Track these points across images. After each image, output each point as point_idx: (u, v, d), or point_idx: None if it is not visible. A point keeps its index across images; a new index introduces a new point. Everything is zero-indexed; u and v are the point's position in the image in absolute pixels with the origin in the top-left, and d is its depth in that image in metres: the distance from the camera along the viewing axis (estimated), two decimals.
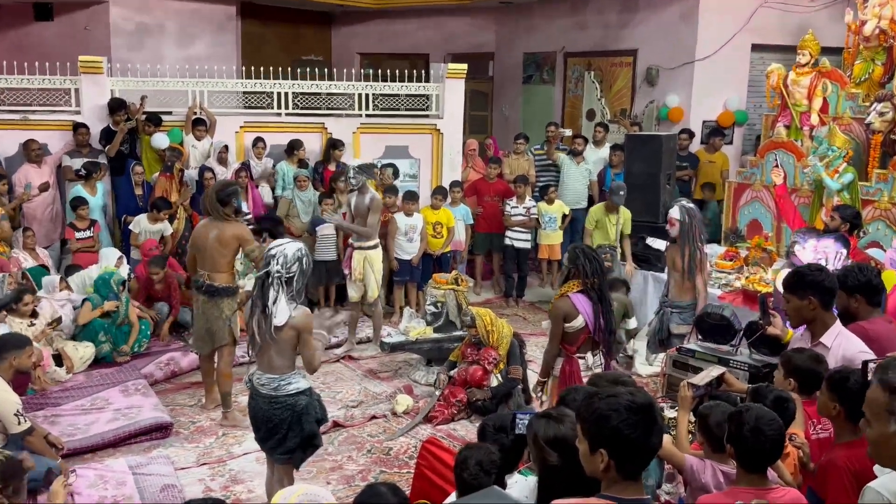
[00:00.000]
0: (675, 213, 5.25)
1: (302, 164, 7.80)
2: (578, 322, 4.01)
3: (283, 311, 3.46)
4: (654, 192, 7.37)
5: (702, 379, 3.26)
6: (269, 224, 6.63)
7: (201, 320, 5.02)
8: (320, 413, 3.64)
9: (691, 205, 5.31)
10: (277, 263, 3.47)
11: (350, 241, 6.58)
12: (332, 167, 7.91)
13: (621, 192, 7.00)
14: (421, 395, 5.63)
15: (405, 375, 6.12)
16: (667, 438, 2.83)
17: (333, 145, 7.77)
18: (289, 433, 3.56)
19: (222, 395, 5.08)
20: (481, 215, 8.48)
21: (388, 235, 7.46)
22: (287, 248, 3.50)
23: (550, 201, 8.35)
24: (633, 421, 1.96)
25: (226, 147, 7.57)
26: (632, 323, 6.28)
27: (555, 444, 2.35)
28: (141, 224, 7.00)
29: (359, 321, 6.96)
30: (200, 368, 5.44)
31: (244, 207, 7.01)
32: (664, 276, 6.34)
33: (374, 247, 6.47)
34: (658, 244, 6.34)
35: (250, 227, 5.35)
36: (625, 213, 7.07)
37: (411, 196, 7.54)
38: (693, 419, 3.11)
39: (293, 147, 7.69)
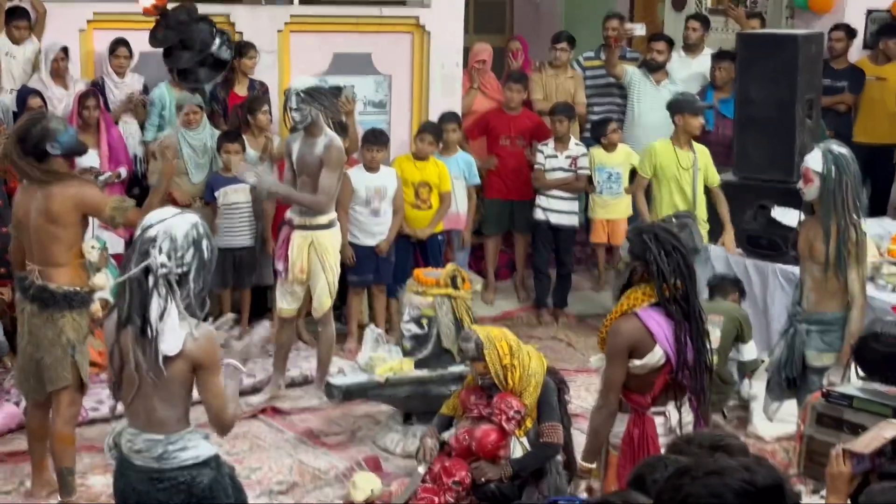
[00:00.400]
0: (814, 161, 5.29)
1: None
2: (655, 356, 4.06)
3: (175, 330, 3.44)
4: (784, 132, 7.42)
5: (867, 444, 3.31)
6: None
7: (28, 346, 5.06)
8: (234, 498, 3.67)
9: (844, 150, 5.35)
10: (161, 252, 3.44)
11: (287, 214, 6.63)
12: (239, 89, 7.94)
13: (696, 104, 7.13)
14: (394, 474, 5.67)
15: (368, 441, 6.17)
16: None
17: (240, 51, 7.81)
18: None
19: (59, 474, 5.11)
20: (494, 171, 8.56)
21: (339, 205, 7.51)
22: (174, 226, 3.48)
23: (612, 146, 8.40)
24: None
25: (64, 51, 7.58)
26: (748, 351, 6.34)
27: None
28: None
29: (291, 350, 7.02)
30: (26, 427, 5.46)
31: (90, 157, 6.96)
32: (796, 271, 6.40)
33: (328, 225, 6.53)
34: (790, 217, 6.40)
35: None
36: (703, 151, 7.12)
37: (376, 138, 7.57)
38: None
39: None
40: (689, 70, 9.11)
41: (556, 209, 8.31)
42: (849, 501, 3.22)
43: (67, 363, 4.99)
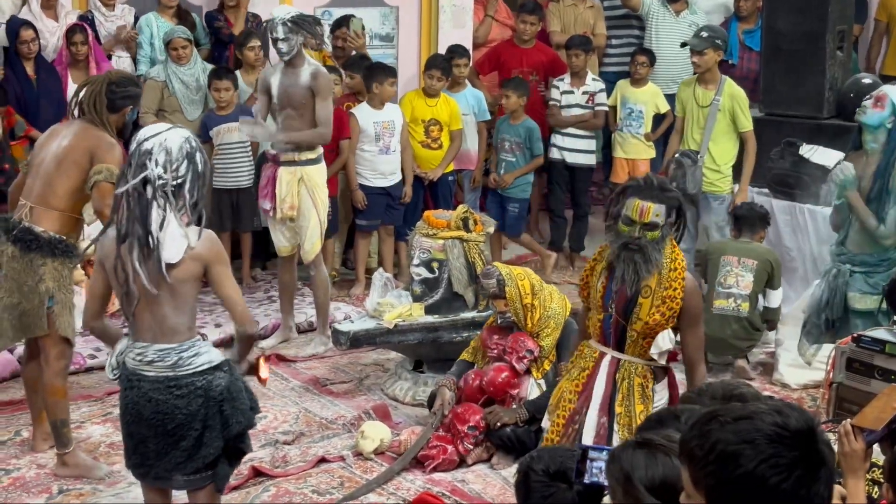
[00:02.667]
0: (894, 91, 5.28)
1: (183, 16, 7.70)
2: None
3: (177, 238, 3.61)
4: (813, 65, 7.31)
5: (878, 419, 3.09)
6: None
7: (5, 292, 4.99)
8: (248, 399, 3.84)
9: None
10: (157, 164, 3.60)
11: (270, 149, 6.57)
12: (234, 18, 7.85)
13: (703, 34, 7.00)
14: (405, 424, 5.65)
15: (376, 389, 6.16)
16: (837, 490, 2.83)
17: None
18: (204, 434, 3.72)
19: (53, 426, 5.09)
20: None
21: (346, 146, 7.42)
22: (169, 139, 3.65)
23: (640, 81, 8.27)
24: (784, 462, 1.97)
25: None
26: (774, 298, 6.27)
27: (663, 492, 2.40)
28: None
29: (296, 293, 6.98)
30: (22, 379, 5.47)
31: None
32: (826, 211, 6.30)
33: (317, 160, 6.49)
34: (825, 157, 6.30)
35: None
36: (733, 95, 6.99)
37: (384, 72, 7.48)
38: (879, 465, 3.14)
39: None
40: (711, 0, 8.97)
41: (572, 147, 8.25)
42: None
43: (43, 312, 4.95)
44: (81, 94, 5.02)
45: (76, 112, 5.05)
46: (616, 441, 4.26)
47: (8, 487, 4.99)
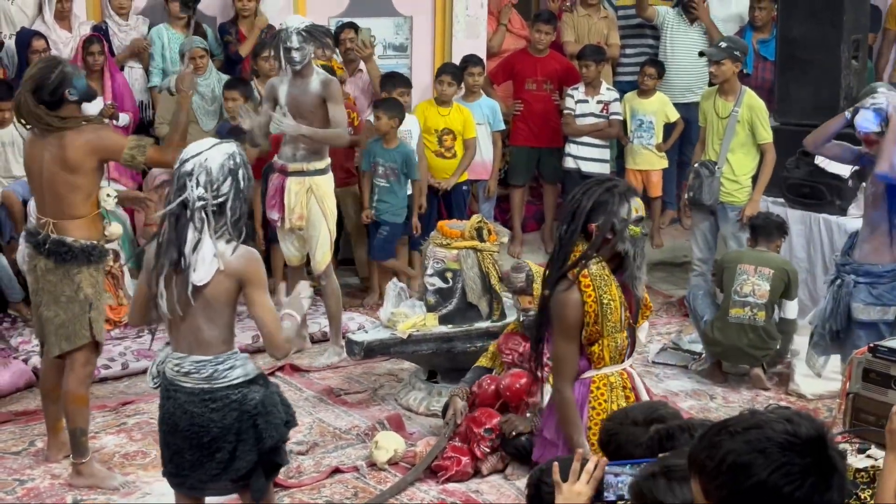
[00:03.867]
0: (881, 99, 5.23)
1: (196, 27, 7.74)
2: None
3: (209, 259, 3.63)
4: (828, 74, 7.30)
5: None
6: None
7: (44, 302, 5.03)
8: (285, 413, 3.86)
9: None
10: (198, 185, 3.62)
11: (277, 160, 6.58)
12: (247, 30, 7.86)
13: (722, 44, 6.95)
14: (419, 434, 5.66)
15: (390, 399, 6.17)
16: None
17: None
18: (238, 447, 3.75)
19: (72, 434, 5.10)
20: (522, 116, 8.50)
21: (359, 154, 7.45)
22: (210, 158, 3.66)
23: (647, 92, 8.28)
24: (797, 469, 1.96)
25: None
26: (791, 310, 6.26)
27: None
28: None
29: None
30: (40, 389, 5.47)
31: (97, 103, 6.86)
32: (844, 222, 6.31)
33: (325, 170, 6.51)
34: (838, 167, 6.29)
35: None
36: (753, 106, 6.97)
37: (392, 82, 7.51)
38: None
39: None
40: (727, 10, 9.04)
41: (587, 157, 8.27)
42: None
43: (85, 320, 4.98)
44: (22, 112, 4.93)
45: (30, 126, 4.97)
46: None
47: (22, 498, 5.01)
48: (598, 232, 3.79)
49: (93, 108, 6.75)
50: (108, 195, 6.23)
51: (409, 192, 7.53)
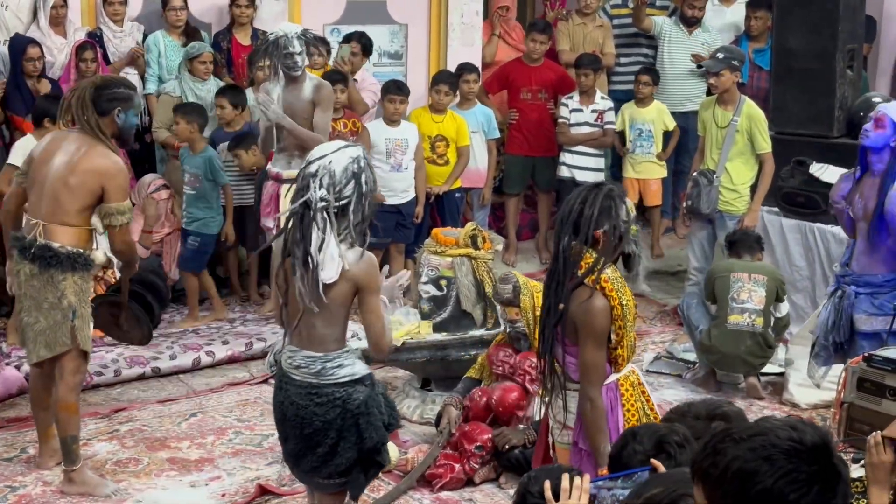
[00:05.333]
0: (893, 110, 5.24)
1: (191, 34, 7.74)
2: None
3: (334, 260, 3.74)
4: (823, 84, 7.30)
5: None
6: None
7: (25, 308, 5.02)
8: (388, 415, 3.99)
9: None
10: (321, 187, 3.72)
11: (272, 168, 6.61)
12: (242, 39, 7.88)
13: (720, 55, 6.93)
14: (412, 442, 5.65)
15: None
16: None
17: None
18: (339, 444, 3.88)
19: (63, 442, 5.09)
20: (517, 125, 8.51)
21: None
22: (334, 161, 3.75)
23: (644, 100, 8.29)
24: (803, 477, 1.96)
25: None
26: (783, 308, 6.30)
27: None
28: None
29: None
30: (30, 396, 5.47)
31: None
32: (839, 231, 6.29)
33: None
34: (835, 175, 6.30)
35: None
36: (752, 116, 6.98)
37: (398, 89, 7.52)
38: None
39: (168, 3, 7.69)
40: (722, 19, 9.05)
41: (582, 166, 8.27)
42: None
43: (67, 328, 4.94)
44: (71, 99, 4.96)
45: (67, 119, 5.00)
46: None
47: None
48: (607, 237, 3.79)
49: None
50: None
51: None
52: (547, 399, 3.94)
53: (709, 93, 8.02)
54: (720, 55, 7.01)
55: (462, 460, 5.21)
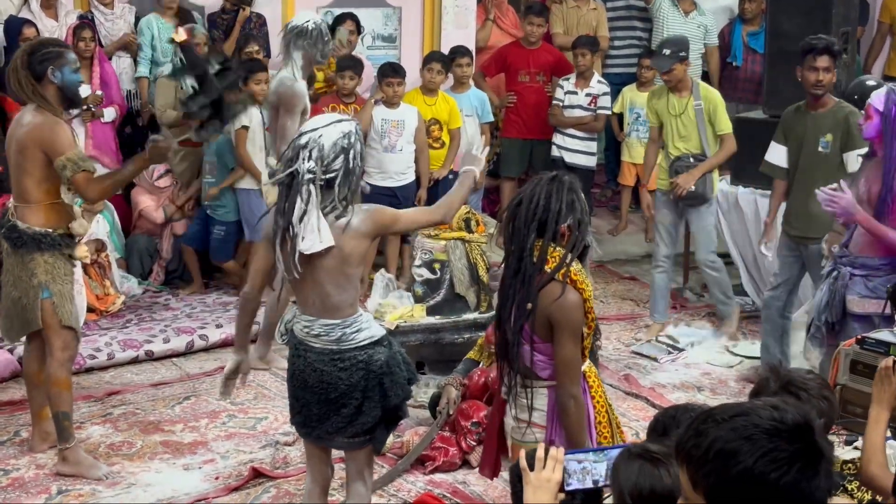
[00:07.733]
0: (877, 99, 5.21)
1: (184, 17, 7.71)
2: None
3: (314, 231, 3.76)
4: None
5: None
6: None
7: (7, 286, 5.06)
8: (407, 371, 4.09)
9: None
10: (308, 159, 3.76)
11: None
12: (241, 18, 7.87)
13: (666, 52, 6.72)
14: (406, 425, 5.65)
15: None
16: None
17: None
18: (364, 404, 3.97)
19: (55, 418, 5.11)
20: (514, 108, 8.49)
21: None
22: (325, 134, 3.80)
23: (643, 84, 8.27)
24: (783, 456, 1.97)
25: None
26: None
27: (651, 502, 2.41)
28: None
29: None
30: (23, 374, 5.49)
31: (84, 90, 6.80)
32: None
33: None
34: None
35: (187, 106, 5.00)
36: (709, 98, 6.83)
37: (394, 71, 7.49)
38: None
39: None
40: (716, 2, 9.05)
41: (572, 148, 8.30)
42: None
43: (37, 307, 4.97)
44: (8, 74, 4.94)
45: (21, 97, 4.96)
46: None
47: (7, 488, 5.00)
48: (571, 232, 3.72)
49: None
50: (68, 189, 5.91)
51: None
52: (506, 399, 3.86)
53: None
54: (666, 51, 6.79)
55: (459, 437, 5.23)
